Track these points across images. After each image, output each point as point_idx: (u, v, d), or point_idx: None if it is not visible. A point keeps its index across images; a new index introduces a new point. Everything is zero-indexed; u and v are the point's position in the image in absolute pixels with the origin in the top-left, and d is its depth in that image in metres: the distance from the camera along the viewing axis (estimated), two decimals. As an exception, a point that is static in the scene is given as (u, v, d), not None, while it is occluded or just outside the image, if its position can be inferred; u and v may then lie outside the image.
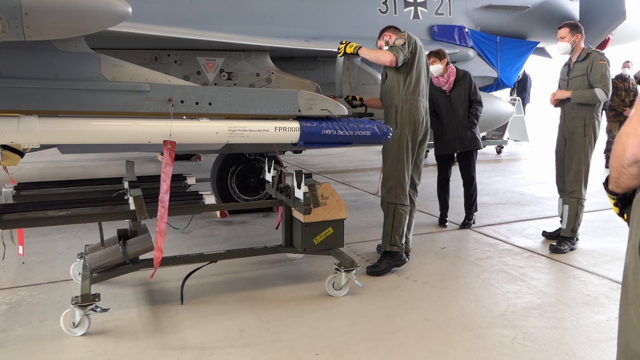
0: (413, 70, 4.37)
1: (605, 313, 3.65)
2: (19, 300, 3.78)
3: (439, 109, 5.75)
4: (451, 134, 5.70)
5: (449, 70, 5.65)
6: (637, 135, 1.32)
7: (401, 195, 4.42)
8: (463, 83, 5.66)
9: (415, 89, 4.39)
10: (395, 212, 4.43)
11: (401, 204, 4.43)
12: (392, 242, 4.41)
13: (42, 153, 7.41)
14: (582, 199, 5.06)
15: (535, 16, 8.14)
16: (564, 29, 5.00)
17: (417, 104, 4.40)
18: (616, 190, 1.51)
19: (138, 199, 3.44)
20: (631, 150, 1.35)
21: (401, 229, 4.43)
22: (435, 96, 5.68)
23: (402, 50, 4.26)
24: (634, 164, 1.36)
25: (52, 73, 3.17)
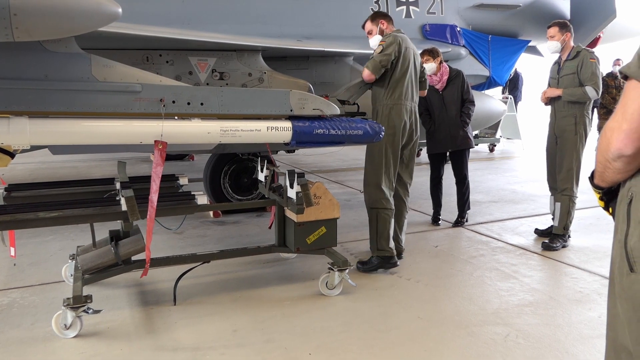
0: (396, 73, 4.35)
1: (597, 309, 3.67)
2: (10, 302, 3.76)
3: (431, 108, 5.76)
4: (443, 133, 5.71)
5: (442, 69, 5.66)
6: (622, 129, 1.33)
7: (382, 199, 4.38)
8: (456, 82, 5.67)
9: (398, 93, 4.36)
10: (378, 217, 4.40)
11: (383, 208, 4.39)
12: (379, 248, 4.39)
13: (33, 154, 7.36)
14: (574, 197, 5.09)
15: (527, 15, 8.17)
16: (553, 27, 5.03)
17: (399, 108, 4.36)
18: (601, 185, 1.52)
19: (130, 200, 3.43)
20: (616, 145, 1.36)
21: (386, 233, 4.38)
22: (428, 95, 5.66)
23: (379, 62, 4.28)
24: (618, 159, 1.37)
25: (43, 74, 3.15)
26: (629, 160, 1.36)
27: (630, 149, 1.33)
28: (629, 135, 1.32)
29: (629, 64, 1.34)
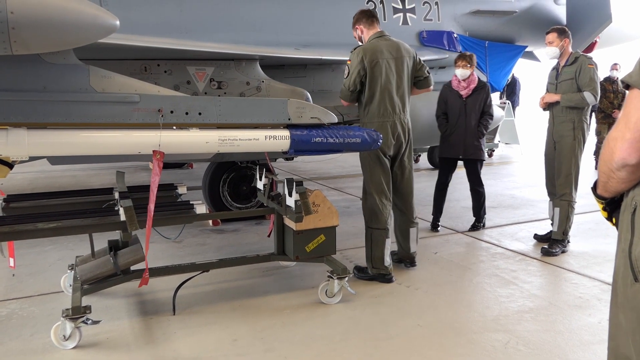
0: (365, 92, 4.30)
1: (597, 315, 3.67)
2: (9, 313, 3.76)
3: (450, 112, 5.78)
4: (457, 139, 5.73)
5: (471, 77, 5.69)
6: (625, 139, 1.33)
7: (375, 218, 4.37)
8: (481, 93, 5.69)
9: (373, 111, 4.31)
10: (372, 237, 4.39)
11: (376, 228, 4.37)
12: (374, 266, 4.36)
13: (32, 163, 7.36)
14: (573, 202, 5.10)
15: (523, 21, 8.21)
16: (552, 33, 5.06)
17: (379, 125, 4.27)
18: (604, 195, 1.52)
19: (128, 210, 3.43)
20: (619, 154, 1.36)
21: (379, 253, 4.34)
22: (450, 98, 5.76)
23: (349, 87, 4.29)
24: (622, 168, 1.37)
25: (41, 85, 3.16)
26: (633, 170, 1.36)
27: (634, 158, 1.33)
28: (632, 145, 1.32)
29: (630, 73, 1.34)
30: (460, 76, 5.65)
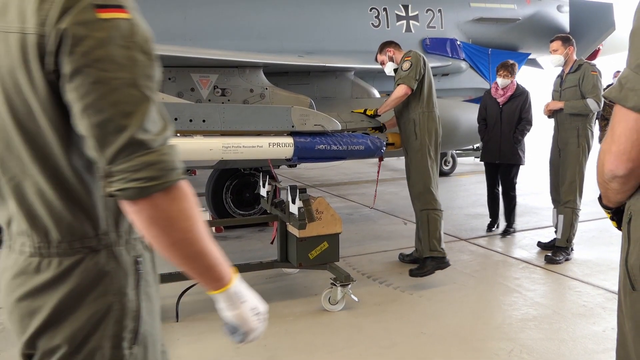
0: (424, 86, 4.62)
1: (601, 324, 3.66)
2: (13, 321, 3.75)
3: (488, 118, 5.90)
4: (494, 145, 5.83)
5: (511, 85, 5.73)
6: (611, 152, 1.36)
7: (431, 200, 4.55)
8: (519, 100, 5.71)
9: (430, 102, 4.64)
10: (429, 218, 4.53)
11: (433, 209, 4.54)
12: (432, 248, 4.50)
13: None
14: (577, 209, 5.08)
15: (526, 28, 8.23)
16: (556, 42, 5.09)
17: (433, 115, 4.64)
18: (609, 205, 1.53)
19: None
20: (608, 167, 1.38)
21: (437, 233, 4.52)
22: (489, 105, 5.88)
23: (413, 76, 4.51)
24: (613, 180, 1.40)
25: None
26: (623, 181, 1.38)
27: (621, 170, 1.35)
28: (618, 157, 1.35)
29: (610, 88, 1.37)
30: (500, 85, 5.75)
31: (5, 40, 1.01)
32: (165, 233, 1.03)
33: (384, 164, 6.02)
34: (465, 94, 8.12)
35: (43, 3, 0.97)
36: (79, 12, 0.96)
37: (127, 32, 1.00)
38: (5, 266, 1.17)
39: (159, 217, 1.02)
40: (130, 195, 0.99)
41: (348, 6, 6.94)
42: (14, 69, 1.01)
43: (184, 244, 1.06)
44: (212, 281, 1.15)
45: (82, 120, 0.99)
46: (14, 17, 1.00)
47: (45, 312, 1.11)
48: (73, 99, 0.99)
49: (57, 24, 0.96)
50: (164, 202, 1.01)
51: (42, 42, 0.97)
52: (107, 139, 0.98)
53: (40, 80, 1.00)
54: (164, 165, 1.00)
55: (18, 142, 1.07)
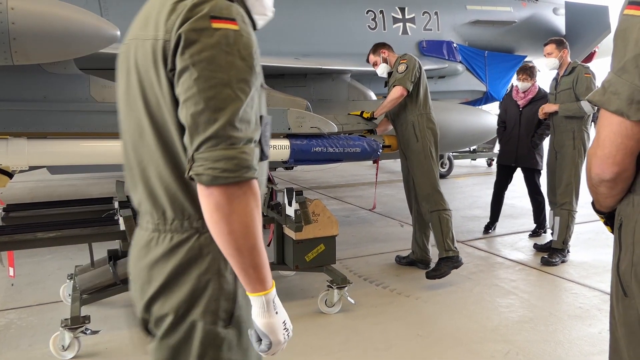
0: (420, 88, 4.65)
1: (597, 325, 3.66)
2: (7, 323, 3.74)
3: (507, 120, 5.90)
4: (510, 147, 5.84)
5: (532, 88, 5.72)
6: (597, 156, 1.37)
7: (440, 200, 4.56)
8: (539, 104, 5.60)
9: (426, 103, 4.69)
10: (440, 218, 4.54)
11: (443, 209, 4.56)
12: (447, 248, 4.50)
13: (32, 172, 7.37)
14: (573, 211, 5.10)
15: (522, 31, 8.25)
16: (550, 45, 5.11)
17: (430, 116, 4.68)
18: (602, 210, 1.53)
19: (128, 220, 3.42)
20: (594, 170, 1.39)
21: (450, 233, 4.53)
22: (509, 107, 5.89)
23: (408, 78, 4.53)
24: (600, 184, 1.40)
25: (41, 95, 3.18)
26: (611, 185, 1.38)
27: (607, 174, 1.36)
28: (603, 161, 1.36)
29: (594, 92, 1.37)
30: (521, 89, 5.74)
31: (143, 47, 1.23)
32: (225, 221, 1.15)
33: (380, 166, 6.03)
34: (461, 97, 8.12)
35: (171, 15, 1.18)
36: (196, 20, 1.15)
37: (231, 41, 1.16)
38: (136, 241, 1.38)
39: (224, 206, 1.14)
40: (204, 181, 1.14)
41: (345, 9, 6.94)
42: (148, 69, 1.22)
43: (239, 235, 1.16)
44: (254, 282, 1.22)
45: (182, 110, 1.17)
46: (151, 28, 1.22)
47: (158, 281, 1.28)
48: (179, 92, 1.17)
49: (177, 30, 1.15)
50: (231, 193, 1.14)
51: (166, 46, 1.17)
52: (198, 129, 1.14)
53: (164, 78, 1.19)
54: (240, 162, 1.14)
55: (149, 131, 1.26)
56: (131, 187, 1.40)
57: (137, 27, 1.30)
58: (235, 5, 1.21)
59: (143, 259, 1.32)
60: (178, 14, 1.16)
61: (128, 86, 1.29)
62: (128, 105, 1.31)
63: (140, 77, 1.25)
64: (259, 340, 1.26)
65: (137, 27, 1.30)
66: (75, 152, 3.25)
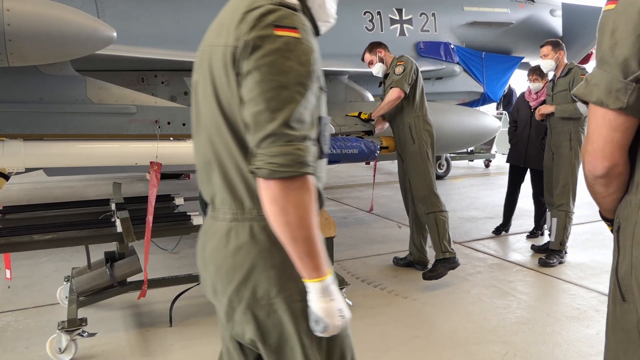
0: (417, 90, 4.65)
1: (595, 327, 3.66)
2: (4, 326, 3.73)
3: (519, 121, 5.90)
4: (521, 148, 5.84)
5: (544, 89, 5.70)
6: (587, 151, 1.38)
7: (436, 202, 4.57)
8: None
9: (422, 105, 4.70)
10: (437, 220, 4.54)
11: (439, 211, 4.56)
12: (443, 250, 4.50)
13: (28, 174, 7.35)
14: (570, 212, 5.10)
15: (519, 32, 8.26)
16: (546, 47, 5.12)
17: (427, 118, 4.69)
18: (607, 216, 1.51)
19: (125, 222, 3.42)
20: (587, 167, 1.40)
21: (447, 234, 4.53)
22: (521, 108, 5.88)
23: (405, 80, 4.55)
24: (595, 181, 1.40)
25: (38, 96, 3.17)
26: (604, 182, 1.38)
27: (599, 169, 1.36)
28: (593, 156, 1.36)
29: (578, 86, 1.40)
30: (533, 89, 5.72)
31: (216, 53, 1.36)
32: (282, 212, 1.25)
33: (378, 167, 6.02)
34: (458, 98, 8.13)
35: (240, 24, 1.30)
36: (261, 28, 1.27)
37: (291, 47, 1.26)
38: (214, 231, 1.45)
39: (281, 198, 1.24)
40: (263, 174, 1.24)
41: (342, 10, 6.83)
42: (220, 73, 1.35)
43: (294, 226, 1.26)
44: (310, 269, 1.32)
45: (246, 109, 1.29)
46: (224, 36, 1.34)
47: (245, 267, 1.37)
48: (243, 93, 1.29)
49: (245, 37, 1.27)
50: (288, 187, 1.24)
51: (235, 52, 1.29)
52: (259, 126, 1.26)
53: (233, 80, 1.31)
54: (296, 158, 1.24)
55: (224, 128, 1.37)
56: (204, 181, 1.51)
57: (212, 35, 1.42)
58: (299, 15, 1.32)
59: (224, 247, 1.41)
60: (246, 22, 1.28)
61: (205, 88, 1.41)
62: (206, 106, 1.42)
63: (214, 80, 1.37)
64: (317, 322, 1.35)
65: (212, 35, 1.42)
66: (72, 153, 3.23)
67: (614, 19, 1.29)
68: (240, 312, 1.41)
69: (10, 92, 3.11)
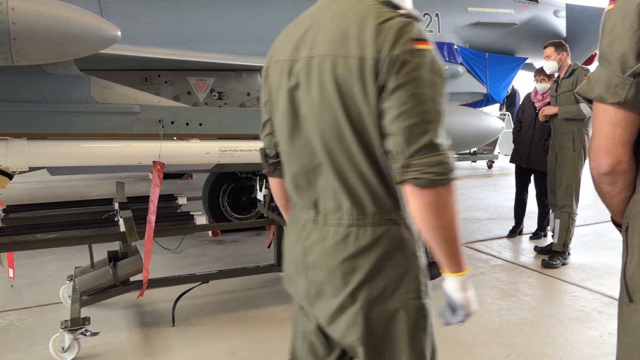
0: None
1: (599, 328, 3.65)
2: (7, 325, 3.73)
3: (524, 121, 5.91)
4: (524, 148, 5.85)
5: (550, 90, 5.68)
6: (591, 148, 1.38)
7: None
8: None
9: None
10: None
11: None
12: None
13: (32, 173, 7.36)
14: (573, 213, 5.09)
15: (523, 33, 8.24)
16: (549, 48, 5.12)
17: None
18: (618, 220, 1.50)
19: (128, 221, 3.42)
20: (592, 165, 1.40)
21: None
22: (526, 108, 5.90)
23: None
24: (600, 180, 1.40)
25: (41, 96, 3.17)
26: (610, 180, 1.37)
27: (603, 166, 1.36)
28: (597, 152, 1.36)
29: (581, 84, 1.41)
30: (540, 90, 5.70)
31: (345, 64, 1.35)
32: (436, 217, 1.32)
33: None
34: (462, 98, 8.10)
35: (378, 37, 1.31)
36: (404, 43, 1.29)
37: (430, 60, 1.31)
38: (323, 236, 1.48)
39: (436, 204, 1.31)
40: (421, 184, 1.29)
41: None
42: (351, 84, 1.35)
43: (447, 228, 1.34)
44: (455, 264, 1.42)
45: (395, 122, 1.30)
46: (353, 47, 1.34)
47: (365, 269, 1.42)
48: (391, 106, 1.31)
49: (390, 52, 1.29)
50: (442, 193, 1.30)
51: (377, 65, 1.30)
52: (412, 139, 1.29)
53: (373, 92, 1.33)
54: (448, 166, 1.30)
55: (350, 137, 1.39)
56: (302, 186, 1.53)
57: (331, 44, 1.39)
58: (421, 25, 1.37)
59: (341, 252, 1.44)
60: (385, 35, 1.30)
61: (323, 97, 1.40)
62: (322, 115, 1.42)
63: (340, 90, 1.37)
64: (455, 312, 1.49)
65: (330, 44, 1.39)
66: (76, 153, 3.24)
67: (612, 17, 1.32)
68: (351, 314, 1.45)
69: (14, 91, 3.11)
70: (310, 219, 1.52)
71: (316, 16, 1.47)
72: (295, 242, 1.57)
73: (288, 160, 1.56)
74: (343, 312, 1.46)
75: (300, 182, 1.53)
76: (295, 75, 1.47)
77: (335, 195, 1.45)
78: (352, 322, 1.46)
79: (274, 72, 1.58)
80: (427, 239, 1.38)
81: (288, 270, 1.63)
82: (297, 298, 1.63)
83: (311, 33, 1.45)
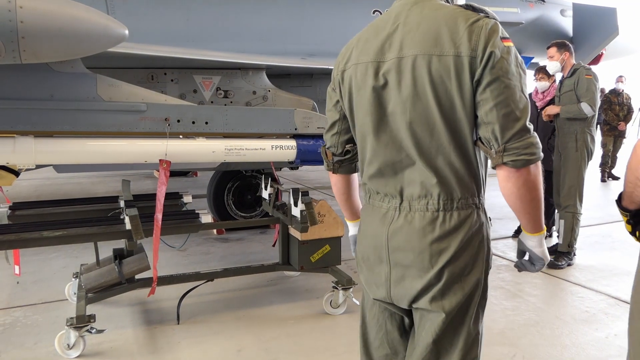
0: None
1: (604, 330, 3.64)
2: (13, 321, 3.75)
3: None
4: None
5: (550, 89, 5.66)
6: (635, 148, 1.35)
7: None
8: None
9: None
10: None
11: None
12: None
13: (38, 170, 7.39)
14: (578, 213, 5.07)
15: (529, 32, 8.21)
16: (552, 48, 5.12)
17: None
18: (630, 207, 1.48)
19: (134, 219, 3.43)
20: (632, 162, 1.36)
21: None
22: None
23: None
24: None
25: (48, 94, 3.18)
26: None
27: None
28: None
29: None
30: (540, 89, 5.68)
31: (440, 62, 1.50)
32: (530, 192, 1.52)
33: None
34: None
35: (471, 37, 1.48)
36: (496, 41, 1.48)
37: (515, 55, 1.50)
38: (409, 221, 1.61)
39: (530, 181, 1.50)
40: (518, 165, 1.48)
41: (351, 8, 6.92)
42: (445, 79, 1.50)
43: (537, 199, 1.55)
44: (538, 227, 1.62)
45: (492, 112, 1.47)
46: (447, 47, 1.50)
47: (451, 250, 1.56)
48: (487, 98, 1.48)
49: (484, 50, 1.46)
50: (534, 171, 1.50)
51: (473, 61, 1.47)
52: (508, 125, 1.47)
53: (468, 86, 1.49)
54: (538, 146, 1.49)
55: (441, 128, 1.53)
56: (388, 177, 1.66)
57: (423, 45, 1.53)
58: None
59: (429, 234, 1.58)
60: (477, 35, 1.47)
61: (416, 92, 1.54)
62: (414, 109, 1.55)
63: (434, 86, 1.51)
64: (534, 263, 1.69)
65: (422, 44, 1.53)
66: (82, 150, 3.24)
67: None
68: (436, 291, 1.59)
69: (21, 89, 3.12)
70: (393, 206, 1.65)
71: (398, 23, 1.61)
72: (376, 229, 1.67)
73: (373, 154, 1.66)
74: (428, 290, 1.60)
75: (387, 172, 1.65)
76: (382, 75, 1.60)
77: (422, 184, 1.58)
78: (437, 298, 1.60)
79: (354, 73, 1.69)
80: (517, 211, 1.57)
81: (367, 257, 1.73)
82: (372, 287, 1.73)
83: (397, 36, 1.59)
